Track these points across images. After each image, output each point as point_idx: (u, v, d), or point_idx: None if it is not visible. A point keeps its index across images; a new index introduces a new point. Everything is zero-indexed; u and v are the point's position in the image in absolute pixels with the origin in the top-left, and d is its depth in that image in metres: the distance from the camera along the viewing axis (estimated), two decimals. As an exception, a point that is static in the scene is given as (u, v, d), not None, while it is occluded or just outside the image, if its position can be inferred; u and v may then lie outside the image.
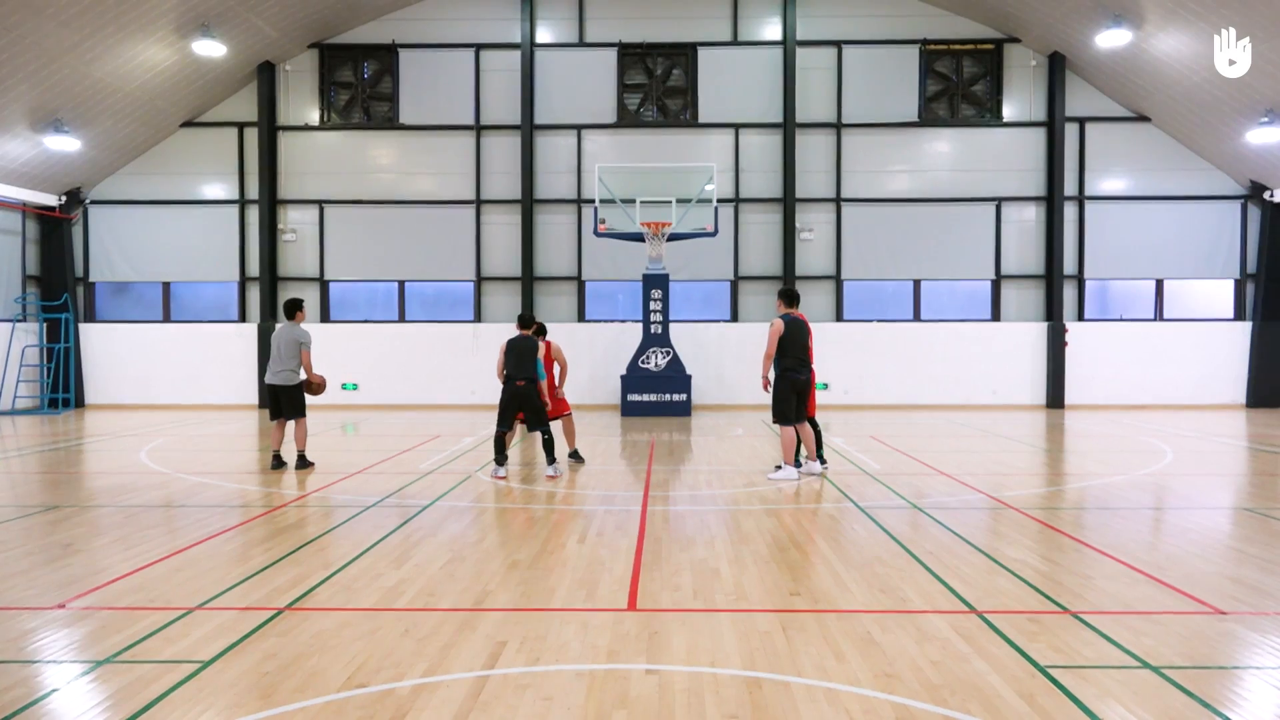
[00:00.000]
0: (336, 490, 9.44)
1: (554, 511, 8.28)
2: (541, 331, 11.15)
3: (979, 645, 4.66)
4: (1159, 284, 20.63)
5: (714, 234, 18.67)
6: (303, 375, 10.82)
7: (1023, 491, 9.37)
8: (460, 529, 7.50)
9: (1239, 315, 20.45)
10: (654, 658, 4.52)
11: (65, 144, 18.26)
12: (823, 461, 10.50)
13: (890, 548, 6.80)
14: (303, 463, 10.86)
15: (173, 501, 8.79)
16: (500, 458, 10.22)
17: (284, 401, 10.79)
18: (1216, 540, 7.23)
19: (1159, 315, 20.65)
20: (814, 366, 10.20)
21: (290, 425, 11.08)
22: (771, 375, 9.97)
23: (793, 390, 9.77)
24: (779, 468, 10.21)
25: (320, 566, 6.27)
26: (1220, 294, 20.58)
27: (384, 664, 4.42)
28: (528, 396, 10.15)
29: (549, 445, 10.26)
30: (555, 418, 10.95)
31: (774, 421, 10.00)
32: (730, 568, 6.24)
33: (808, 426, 10.08)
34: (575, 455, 11.36)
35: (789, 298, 10.10)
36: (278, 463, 10.88)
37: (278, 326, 10.96)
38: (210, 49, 17.76)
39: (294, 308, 10.86)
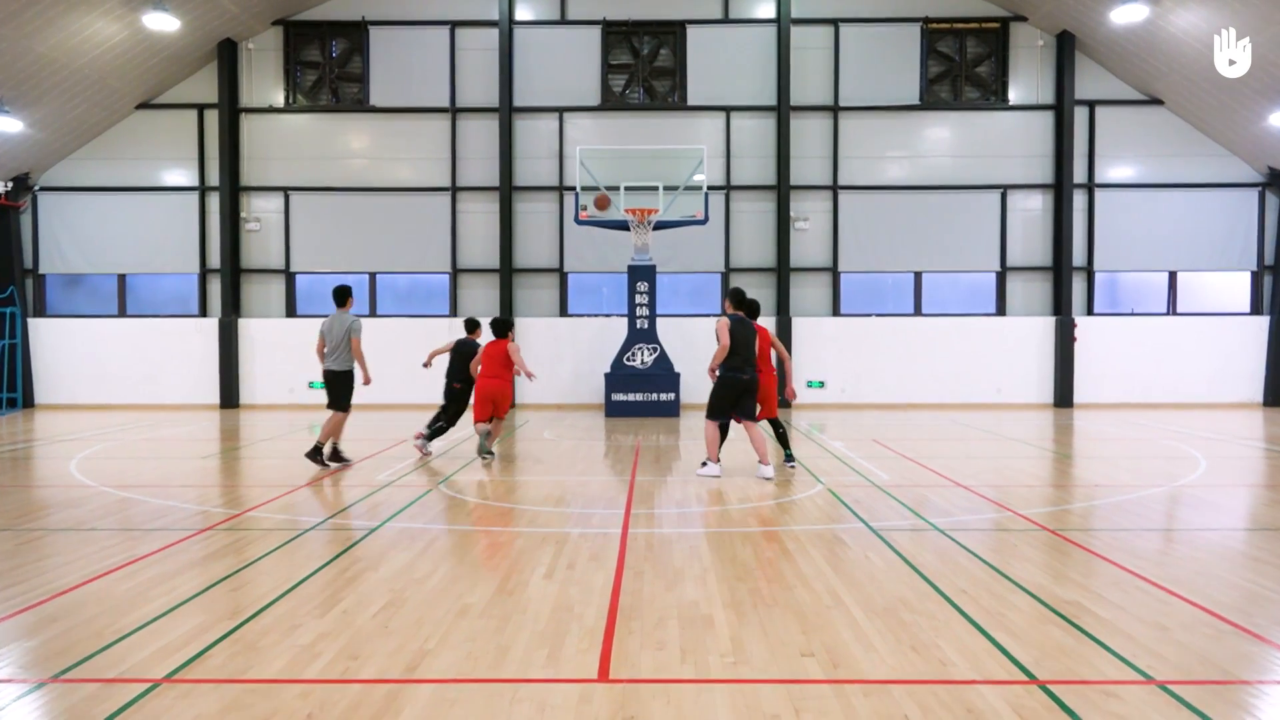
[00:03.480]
0: (277, 507, 8.30)
1: (520, 536, 7.16)
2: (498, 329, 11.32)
3: (1053, 738, 3.57)
4: (1172, 276, 19.65)
5: (704, 222, 17.55)
6: (354, 365, 10.58)
7: (1053, 508, 8.31)
8: (407, 560, 6.37)
9: (1256, 309, 19.50)
10: (629, 760, 3.41)
11: (6, 125, 17.01)
12: (790, 460, 10.28)
13: (915, 585, 5.71)
14: (315, 455, 10.46)
15: (83, 524, 7.63)
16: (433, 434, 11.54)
17: (331, 389, 10.59)
18: (1295, 572, 6.17)
19: (1172, 309, 19.67)
20: (767, 369, 10.12)
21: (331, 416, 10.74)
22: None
23: (733, 390, 9.59)
24: (705, 464, 10.00)
25: (226, 614, 5.14)
26: (1236, 287, 19.63)
27: (267, 774, 3.29)
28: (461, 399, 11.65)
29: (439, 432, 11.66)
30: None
31: (706, 416, 9.88)
32: (726, 614, 5.14)
33: (758, 429, 9.82)
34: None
35: (737, 297, 10.06)
36: (335, 457, 10.79)
37: (330, 315, 10.66)
38: (163, 23, 16.50)
39: (343, 295, 10.57)
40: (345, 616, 5.10)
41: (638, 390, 17.31)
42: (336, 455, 10.78)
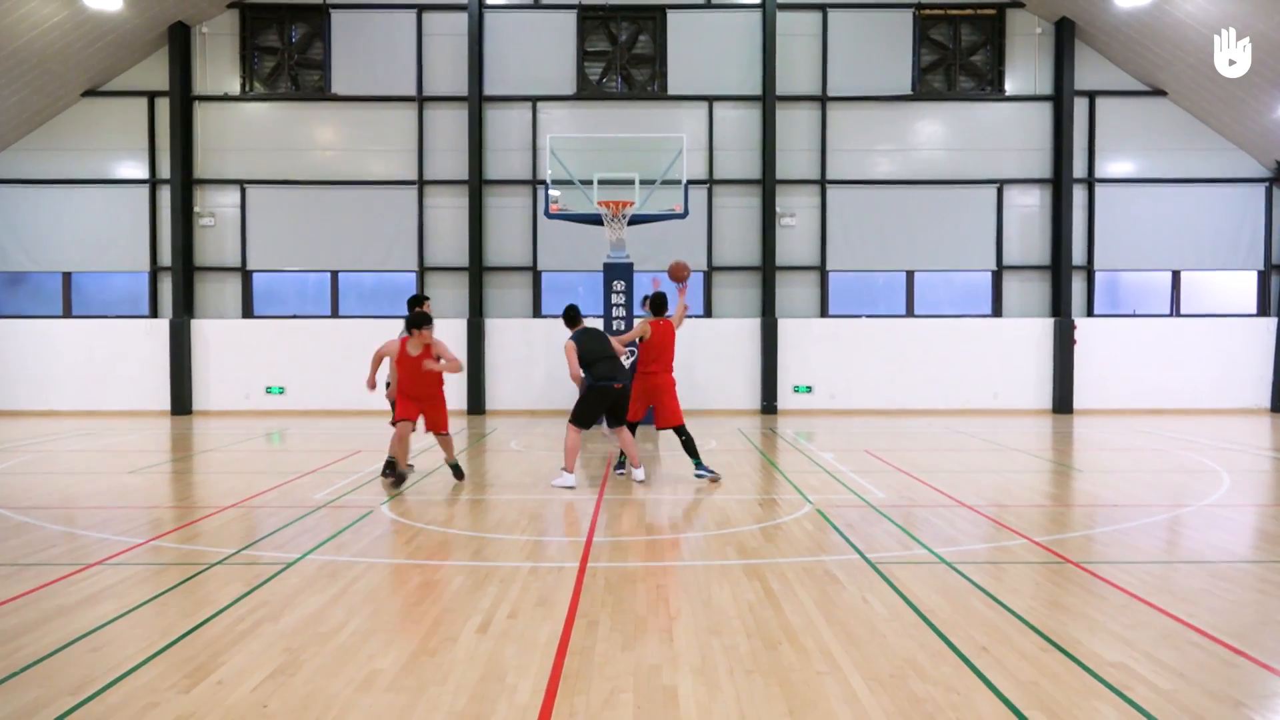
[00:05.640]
0: (187, 534, 7.25)
1: (460, 572, 6.13)
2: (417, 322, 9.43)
3: None
4: (1176, 275, 18.79)
5: (684, 216, 16.50)
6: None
7: (1071, 533, 7.36)
8: (317, 607, 5.33)
9: (1263, 310, 18.66)
10: None
11: (-64, 111, 15.88)
12: (700, 468, 9.52)
13: (925, 640, 4.71)
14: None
15: (-48, 556, 6.56)
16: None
17: None
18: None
19: (1175, 310, 18.82)
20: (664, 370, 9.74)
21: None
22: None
23: (605, 399, 9.44)
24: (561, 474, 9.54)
25: (69, 687, 4.09)
26: (1243, 286, 18.79)
27: None
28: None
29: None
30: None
31: (570, 420, 9.63)
32: (694, 683, 4.14)
33: (628, 433, 9.60)
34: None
35: (568, 318, 9.92)
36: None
37: None
38: (105, 1, 15.40)
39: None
40: (219, 690, 4.07)
41: (614, 396, 16.25)
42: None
